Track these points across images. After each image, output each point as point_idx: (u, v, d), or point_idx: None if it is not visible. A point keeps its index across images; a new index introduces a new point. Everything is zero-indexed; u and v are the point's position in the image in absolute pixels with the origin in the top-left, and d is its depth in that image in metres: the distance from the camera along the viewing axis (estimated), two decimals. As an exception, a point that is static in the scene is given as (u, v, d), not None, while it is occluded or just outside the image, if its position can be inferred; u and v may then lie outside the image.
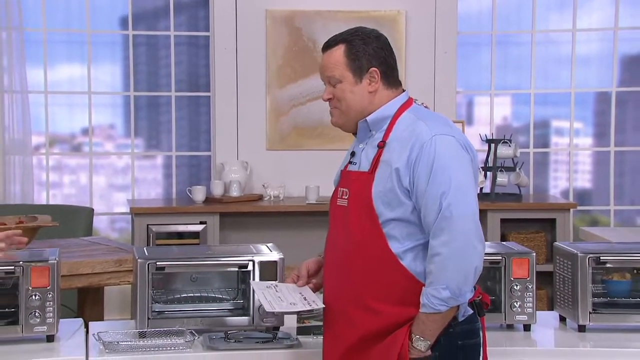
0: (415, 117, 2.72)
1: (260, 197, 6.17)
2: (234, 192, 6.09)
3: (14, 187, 6.12)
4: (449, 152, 2.64)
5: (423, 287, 2.62)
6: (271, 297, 2.92)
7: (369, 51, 2.75)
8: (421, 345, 2.62)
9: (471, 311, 2.69)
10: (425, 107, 2.86)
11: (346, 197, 2.77)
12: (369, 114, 2.76)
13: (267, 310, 2.93)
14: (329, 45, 2.80)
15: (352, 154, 2.83)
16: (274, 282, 3.08)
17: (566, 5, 6.58)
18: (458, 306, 2.63)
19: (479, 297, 2.73)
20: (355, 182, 2.75)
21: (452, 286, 2.57)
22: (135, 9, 6.35)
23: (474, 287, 2.71)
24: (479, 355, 2.76)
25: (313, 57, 6.12)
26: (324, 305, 2.83)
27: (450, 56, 6.41)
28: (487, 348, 2.80)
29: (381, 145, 2.71)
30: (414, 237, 2.66)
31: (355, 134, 2.84)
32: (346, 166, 2.83)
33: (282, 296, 2.91)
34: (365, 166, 2.74)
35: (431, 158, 2.61)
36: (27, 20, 6.16)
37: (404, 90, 2.82)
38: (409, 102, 2.79)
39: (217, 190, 6.10)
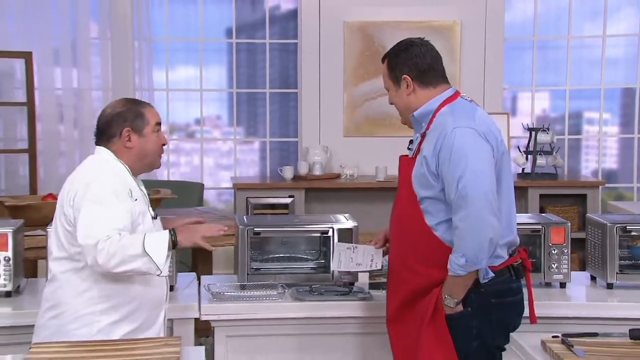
0: (449, 113, 2.66)
1: (338, 176, 6.15)
2: (317, 171, 6.09)
3: (142, 166, 6.22)
4: (466, 142, 2.57)
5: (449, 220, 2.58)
6: (344, 257, 2.96)
7: (399, 62, 2.73)
8: (450, 302, 2.59)
9: (492, 274, 2.61)
10: (470, 100, 2.76)
11: (399, 179, 2.77)
12: (416, 110, 2.72)
13: (342, 270, 3.01)
14: (382, 60, 2.82)
15: (410, 141, 2.81)
16: (354, 244, 3.06)
17: (598, 14, 6.42)
18: (477, 271, 2.57)
19: (518, 261, 2.66)
20: (404, 166, 2.76)
21: (468, 254, 2.52)
22: (238, 22, 6.38)
23: (515, 252, 2.65)
24: (517, 311, 2.71)
25: (383, 60, 6.06)
26: (380, 267, 2.83)
27: (498, 58, 6.29)
28: (534, 303, 2.77)
29: (423, 135, 2.69)
30: (445, 213, 2.62)
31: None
32: (405, 154, 2.82)
33: (354, 257, 2.94)
34: (412, 152, 2.74)
35: (450, 147, 2.57)
36: (155, 32, 6.24)
37: (451, 86, 2.75)
38: (454, 96, 2.72)
39: (303, 169, 6.10)
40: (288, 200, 5.89)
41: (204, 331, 3.44)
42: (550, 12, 6.55)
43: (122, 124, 2.65)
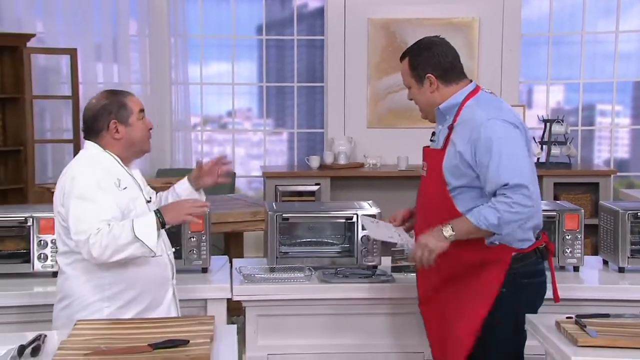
0: (476, 105, 2.62)
1: (362, 165, 6.14)
2: (342, 161, 6.08)
3: (178, 155, 6.27)
4: (501, 132, 2.53)
5: (482, 205, 2.51)
6: (372, 228, 2.90)
7: (422, 61, 2.66)
8: (447, 232, 2.51)
9: (497, 243, 2.57)
10: (490, 93, 2.72)
11: (425, 169, 2.74)
12: (440, 104, 2.67)
13: (371, 237, 2.95)
14: (401, 58, 2.75)
15: (433, 133, 2.76)
16: (376, 219, 3.03)
17: (610, 11, 6.33)
18: (491, 234, 2.53)
19: (543, 244, 2.64)
20: (431, 157, 2.70)
21: (503, 219, 2.47)
22: (267, 19, 6.38)
23: (540, 235, 2.65)
24: (541, 292, 2.69)
25: (404, 55, 6.05)
26: (411, 245, 2.78)
27: (514, 53, 6.23)
28: (556, 282, 2.75)
29: (450, 128, 2.64)
30: (476, 200, 2.59)
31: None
32: (428, 145, 2.77)
33: (382, 231, 2.88)
34: (439, 144, 2.67)
35: (488, 139, 2.52)
36: (190, 29, 6.26)
37: (471, 81, 2.71)
38: (476, 90, 2.68)
39: (329, 159, 6.10)
40: (314, 188, 5.89)
41: (235, 310, 3.45)
42: (565, 9, 6.47)
43: (107, 117, 2.60)
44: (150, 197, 2.71)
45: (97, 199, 2.49)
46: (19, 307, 2.90)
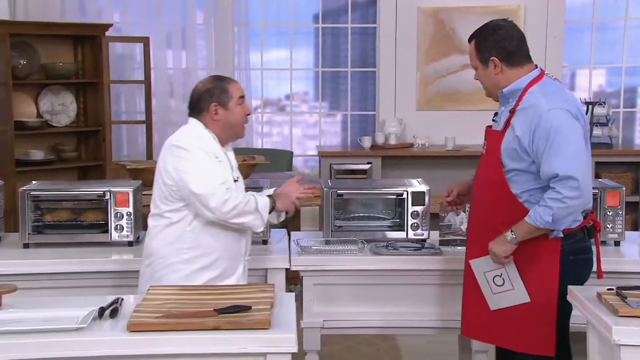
0: (539, 92, 2.52)
1: (411, 145, 6.09)
2: (392, 141, 6.04)
3: (240, 135, 6.30)
4: (561, 124, 2.44)
5: (536, 205, 2.47)
6: (482, 275, 2.63)
7: (488, 45, 2.58)
8: (509, 236, 2.52)
9: (561, 234, 2.53)
10: (555, 79, 2.62)
11: (485, 148, 2.67)
12: (504, 87, 2.59)
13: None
14: (469, 40, 2.67)
15: (495, 114, 2.69)
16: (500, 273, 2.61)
17: (654, -4, 6.10)
18: (551, 231, 2.49)
19: (590, 223, 2.58)
20: (491, 138, 2.64)
21: (557, 215, 2.43)
22: (324, 8, 6.34)
23: (588, 215, 2.59)
24: (587, 267, 2.63)
25: (452, 42, 5.95)
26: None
27: (558, 39, 6.06)
28: (601, 259, 2.69)
29: (512, 112, 2.56)
30: (530, 183, 2.53)
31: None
32: (490, 125, 2.71)
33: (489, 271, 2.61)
34: (500, 126, 2.60)
35: (547, 128, 2.44)
36: (252, 18, 6.26)
37: (536, 66, 2.62)
38: (540, 76, 2.58)
39: (380, 139, 6.06)
40: (366, 167, 5.87)
41: (293, 279, 3.47)
42: (609, -5, 6.25)
43: (209, 100, 2.67)
44: (238, 177, 2.77)
45: (210, 163, 2.59)
46: (98, 273, 2.97)
